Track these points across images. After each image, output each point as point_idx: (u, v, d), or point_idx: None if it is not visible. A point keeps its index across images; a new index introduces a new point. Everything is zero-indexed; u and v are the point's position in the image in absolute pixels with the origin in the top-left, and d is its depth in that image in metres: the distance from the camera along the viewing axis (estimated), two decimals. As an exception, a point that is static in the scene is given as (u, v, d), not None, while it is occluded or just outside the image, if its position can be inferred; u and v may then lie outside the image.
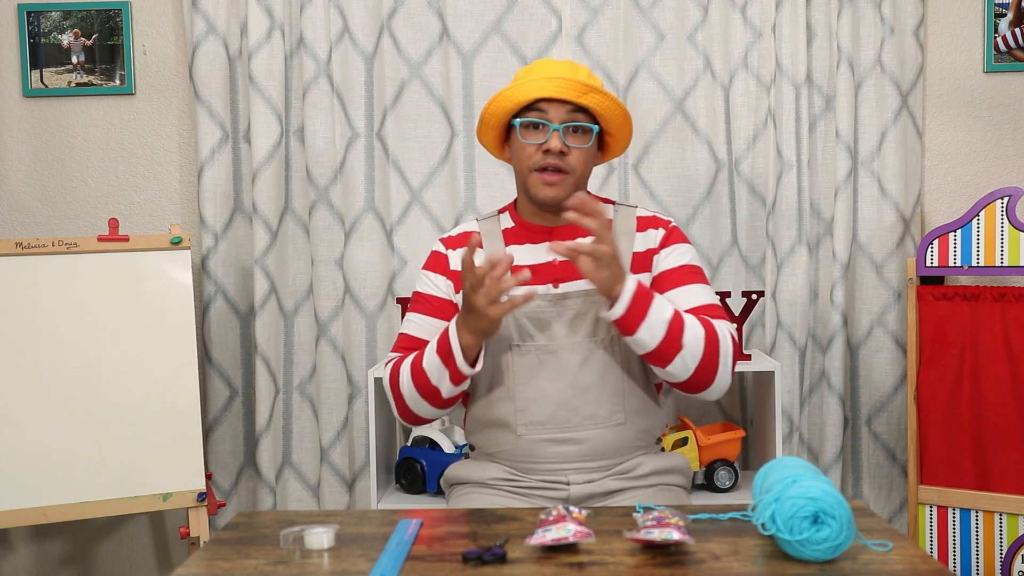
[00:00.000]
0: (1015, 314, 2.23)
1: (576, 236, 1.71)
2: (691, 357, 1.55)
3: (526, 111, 1.64)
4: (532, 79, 1.62)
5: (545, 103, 1.63)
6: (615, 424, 1.66)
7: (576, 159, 1.64)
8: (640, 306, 1.51)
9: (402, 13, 2.49)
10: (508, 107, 1.64)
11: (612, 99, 1.63)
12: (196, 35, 2.45)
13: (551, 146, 1.61)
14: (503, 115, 1.66)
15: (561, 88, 1.60)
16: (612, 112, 1.65)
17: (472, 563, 1.14)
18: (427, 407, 1.64)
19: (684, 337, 1.54)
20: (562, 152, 1.62)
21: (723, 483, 2.30)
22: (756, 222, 2.50)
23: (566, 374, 1.64)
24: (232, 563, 1.16)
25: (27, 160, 2.60)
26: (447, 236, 1.79)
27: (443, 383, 1.59)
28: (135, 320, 2.20)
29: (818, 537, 1.09)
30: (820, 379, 2.48)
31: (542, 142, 1.63)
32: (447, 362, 1.56)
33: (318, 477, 2.55)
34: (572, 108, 1.63)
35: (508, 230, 1.75)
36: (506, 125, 1.71)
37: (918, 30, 2.44)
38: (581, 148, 1.64)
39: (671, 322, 1.53)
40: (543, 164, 1.63)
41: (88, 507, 2.14)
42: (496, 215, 1.79)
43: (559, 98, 1.61)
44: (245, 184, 2.53)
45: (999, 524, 2.27)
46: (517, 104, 1.64)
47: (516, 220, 1.76)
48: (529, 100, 1.62)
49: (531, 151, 1.64)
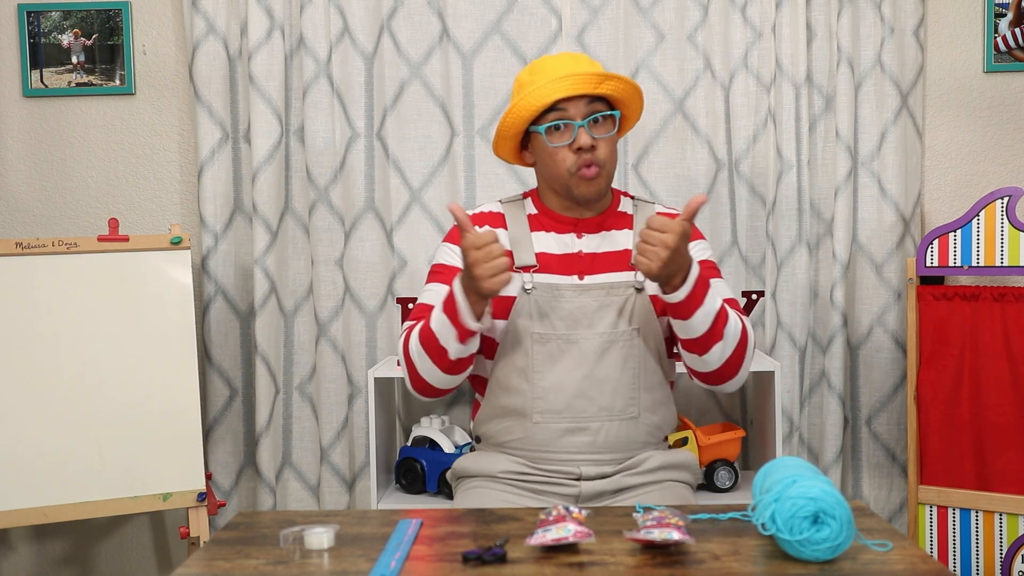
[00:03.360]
0: (1015, 314, 2.23)
1: (601, 229, 1.72)
2: (728, 348, 1.58)
3: (545, 114, 1.64)
4: (544, 83, 1.61)
5: (563, 101, 1.63)
6: (629, 418, 1.67)
7: (604, 151, 1.65)
8: (700, 291, 1.52)
9: (402, 13, 2.49)
10: (526, 116, 1.65)
11: (624, 80, 1.64)
12: (196, 35, 2.45)
13: (582, 143, 1.62)
14: (521, 124, 1.67)
15: (577, 85, 1.61)
16: (628, 94, 1.66)
17: (472, 563, 1.14)
18: (437, 373, 1.62)
19: (727, 328, 1.56)
20: (592, 147, 1.63)
21: (723, 483, 2.30)
22: (756, 222, 2.50)
23: (584, 364, 1.65)
24: (232, 563, 1.16)
25: (27, 160, 2.60)
26: (472, 213, 1.78)
27: (450, 342, 1.57)
28: (135, 320, 2.20)
29: (818, 537, 1.09)
30: (820, 379, 2.48)
31: (570, 142, 1.64)
32: (453, 319, 1.55)
33: (318, 477, 2.55)
34: (589, 99, 1.64)
35: (533, 216, 1.75)
36: (521, 133, 1.71)
37: (918, 30, 2.44)
38: (607, 137, 1.66)
39: (719, 312, 1.55)
40: (579, 164, 1.64)
41: (88, 507, 2.14)
42: (521, 199, 1.79)
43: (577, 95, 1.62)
44: (245, 184, 2.53)
45: (999, 524, 2.27)
46: (535, 111, 1.64)
47: (540, 208, 1.76)
48: (547, 105, 1.63)
49: (563, 154, 1.65)
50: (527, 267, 1.68)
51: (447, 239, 1.77)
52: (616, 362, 1.66)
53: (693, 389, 2.55)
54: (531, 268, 1.68)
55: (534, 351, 1.66)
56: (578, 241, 1.71)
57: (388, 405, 2.41)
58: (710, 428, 2.39)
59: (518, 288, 1.67)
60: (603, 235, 1.72)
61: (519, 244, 1.71)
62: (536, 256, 1.69)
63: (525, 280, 1.67)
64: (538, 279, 1.67)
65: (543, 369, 1.66)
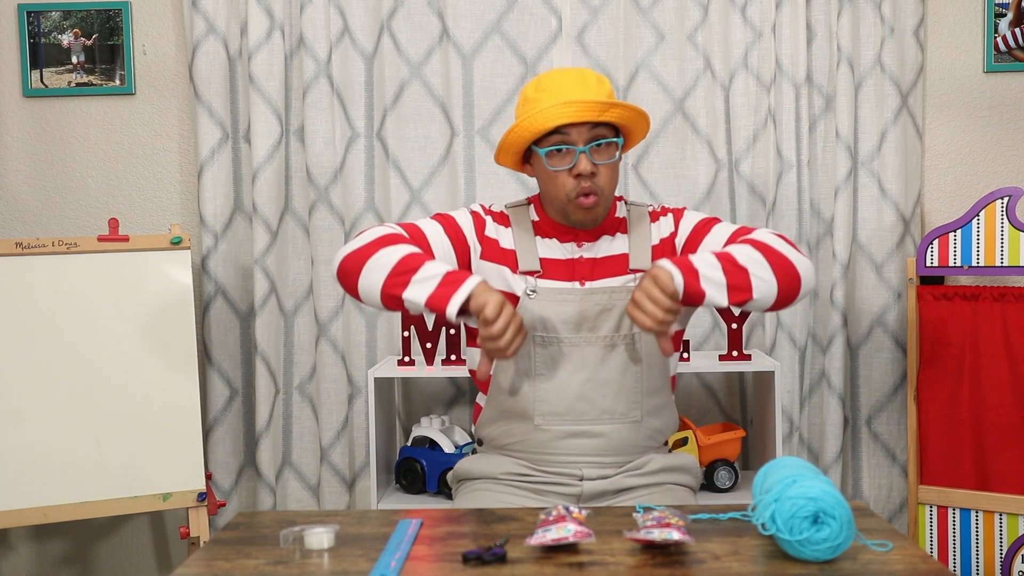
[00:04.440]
0: (1015, 314, 2.23)
1: (600, 236, 1.72)
2: (761, 269, 1.50)
3: (547, 136, 1.64)
4: (549, 105, 1.60)
5: (566, 126, 1.62)
6: (631, 421, 1.67)
7: (605, 178, 1.65)
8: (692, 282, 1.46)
9: (402, 13, 2.49)
10: (528, 136, 1.64)
11: (631, 108, 1.62)
12: (196, 35, 2.45)
13: (582, 169, 1.61)
14: (523, 144, 1.67)
15: (581, 112, 1.59)
16: (633, 121, 1.66)
17: (472, 563, 1.14)
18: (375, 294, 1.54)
19: (740, 259, 1.50)
20: (592, 173, 1.62)
21: (723, 483, 2.30)
22: (756, 222, 2.50)
23: (587, 367, 1.65)
24: (232, 563, 1.16)
25: (27, 160, 2.60)
26: (487, 206, 1.78)
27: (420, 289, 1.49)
28: (135, 320, 2.20)
29: (818, 537, 1.09)
30: (820, 379, 2.48)
31: (570, 166, 1.63)
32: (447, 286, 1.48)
33: (318, 477, 2.55)
34: (593, 125, 1.62)
35: (536, 222, 1.75)
36: (523, 150, 1.71)
37: (918, 30, 2.44)
38: (608, 163, 1.65)
39: (721, 260, 1.49)
40: (578, 192, 1.63)
41: (88, 507, 2.14)
42: (526, 204, 1.79)
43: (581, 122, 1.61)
44: (245, 184, 2.53)
45: (999, 524, 2.27)
46: (537, 134, 1.63)
47: (542, 216, 1.76)
48: (549, 128, 1.62)
49: (563, 179, 1.64)
50: (530, 272, 1.69)
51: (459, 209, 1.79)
52: (618, 366, 1.66)
53: (693, 389, 2.55)
54: (534, 273, 1.69)
55: (536, 354, 1.66)
56: (579, 248, 1.72)
57: (388, 405, 2.41)
58: (710, 428, 2.39)
59: (521, 293, 1.67)
60: (602, 241, 1.72)
61: (523, 247, 1.71)
62: (540, 261, 1.70)
63: (528, 285, 1.67)
64: (541, 284, 1.68)
65: (545, 372, 1.66)
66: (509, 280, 1.69)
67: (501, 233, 1.73)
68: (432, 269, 1.52)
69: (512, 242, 1.72)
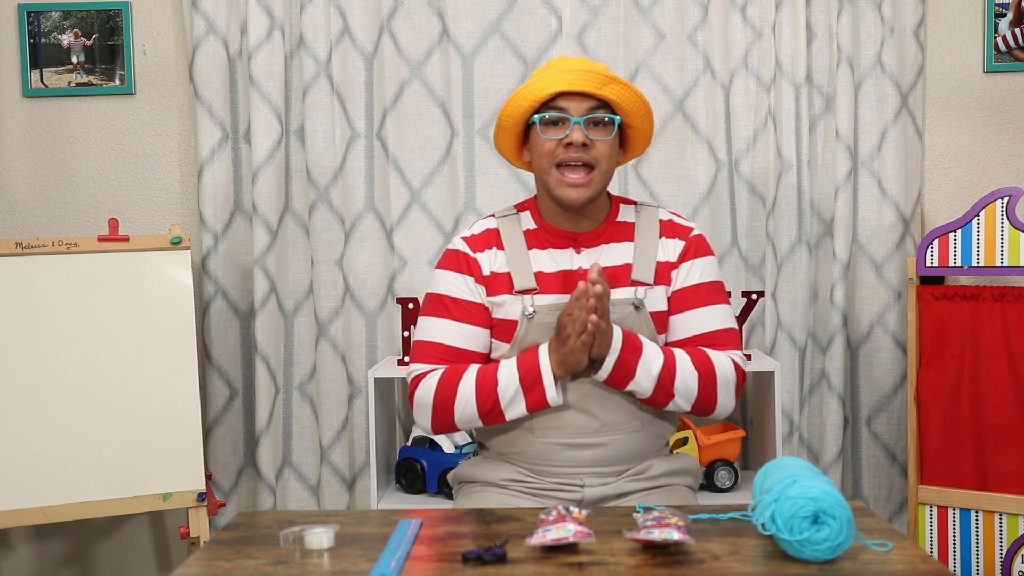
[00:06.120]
0: (1015, 314, 2.23)
1: (599, 241, 1.68)
2: (684, 400, 1.62)
3: (544, 108, 1.60)
4: (550, 74, 1.59)
5: (564, 99, 1.59)
6: (632, 431, 1.65)
7: (600, 151, 1.60)
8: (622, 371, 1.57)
9: (402, 13, 2.49)
10: (526, 105, 1.60)
11: (632, 90, 1.60)
12: (196, 35, 2.45)
13: (573, 139, 1.57)
14: (521, 114, 1.62)
15: (580, 80, 1.57)
16: (633, 103, 1.61)
17: (472, 563, 1.14)
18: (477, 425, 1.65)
19: (675, 386, 1.60)
20: (585, 145, 1.58)
21: (723, 483, 2.30)
22: (756, 222, 2.50)
23: (586, 380, 1.62)
24: (232, 563, 1.16)
25: (27, 160, 2.60)
26: (469, 236, 1.71)
27: (515, 407, 1.59)
28: (135, 320, 2.20)
29: (818, 537, 1.09)
30: (820, 379, 2.48)
31: (563, 136, 1.59)
32: (531, 388, 1.57)
33: (318, 477, 2.55)
34: (593, 104, 1.59)
35: (530, 232, 1.69)
36: (523, 128, 1.67)
37: (918, 30, 2.44)
38: (605, 140, 1.60)
39: (660, 376, 1.59)
40: (564, 159, 1.59)
41: (88, 507, 2.14)
42: (515, 213, 1.73)
43: (579, 91, 1.57)
44: (245, 184, 2.53)
45: (999, 524, 2.26)
46: (536, 101, 1.59)
47: (538, 222, 1.70)
48: (548, 95, 1.58)
49: (551, 146, 1.60)
50: (527, 290, 1.64)
51: (445, 266, 1.70)
52: None
53: (693, 389, 2.55)
54: (531, 291, 1.64)
55: None
56: (576, 257, 1.66)
57: (388, 405, 2.41)
58: (710, 428, 2.39)
59: (519, 313, 1.64)
60: (602, 249, 1.67)
61: (517, 265, 1.66)
62: (535, 276, 1.65)
63: (526, 304, 1.63)
64: (539, 301, 1.64)
65: None
66: (508, 308, 1.65)
67: (493, 258, 1.68)
68: (505, 383, 1.59)
69: (505, 262, 1.67)
